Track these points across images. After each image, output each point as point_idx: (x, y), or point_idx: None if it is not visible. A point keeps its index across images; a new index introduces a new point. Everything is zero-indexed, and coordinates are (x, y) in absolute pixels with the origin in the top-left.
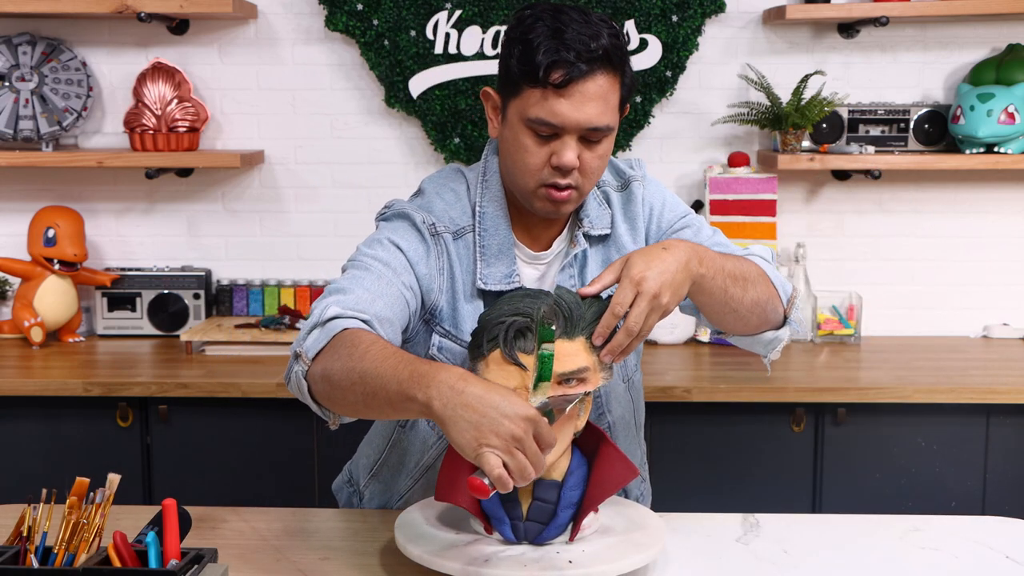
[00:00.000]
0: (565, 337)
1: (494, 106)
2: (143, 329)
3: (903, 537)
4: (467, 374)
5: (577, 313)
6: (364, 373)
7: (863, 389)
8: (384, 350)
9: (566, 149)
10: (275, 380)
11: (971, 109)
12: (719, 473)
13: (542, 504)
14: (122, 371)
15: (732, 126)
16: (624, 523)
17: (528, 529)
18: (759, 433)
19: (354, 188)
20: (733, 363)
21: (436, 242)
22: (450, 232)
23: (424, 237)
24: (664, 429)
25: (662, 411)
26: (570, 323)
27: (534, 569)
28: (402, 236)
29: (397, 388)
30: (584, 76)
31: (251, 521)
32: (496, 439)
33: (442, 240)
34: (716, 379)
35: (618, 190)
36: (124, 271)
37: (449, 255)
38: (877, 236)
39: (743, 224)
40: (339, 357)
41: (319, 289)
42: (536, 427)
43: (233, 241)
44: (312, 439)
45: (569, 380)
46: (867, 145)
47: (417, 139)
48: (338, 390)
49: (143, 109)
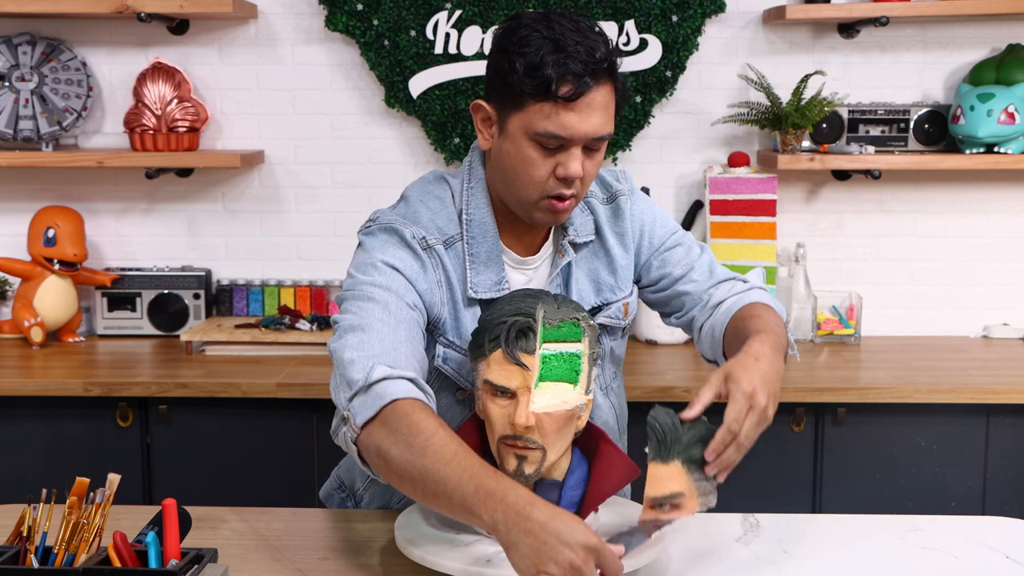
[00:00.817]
0: (659, 460)
1: (485, 118)
2: (143, 329)
3: (903, 537)
4: (534, 498)
5: (672, 436)
6: (425, 472)
7: (863, 389)
8: (445, 446)
9: (572, 160)
10: (275, 380)
11: (971, 109)
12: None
13: None
14: (122, 371)
15: (732, 126)
16: (624, 523)
17: None
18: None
19: (354, 188)
20: None
21: (429, 255)
22: (440, 243)
23: (416, 252)
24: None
25: None
26: (664, 446)
27: None
28: (394, 255)
29: (461, 502)
30: (590, 88)
31: (251, 521)
32: (555, 567)
33: (435, 252)
34: None
35: (604, 203)
36: (124, 271)
37: (444, 266)
38: (877, 236)
39: (743, 224)
40: (396, 442)
41: (319, 289)
42: (599, 556)
43: (233, 241)
44: (312, 439)
45: (663, 505)
46: (867, 145)
47: (417, 139)
48: (396, 477)
49: (143, 109)
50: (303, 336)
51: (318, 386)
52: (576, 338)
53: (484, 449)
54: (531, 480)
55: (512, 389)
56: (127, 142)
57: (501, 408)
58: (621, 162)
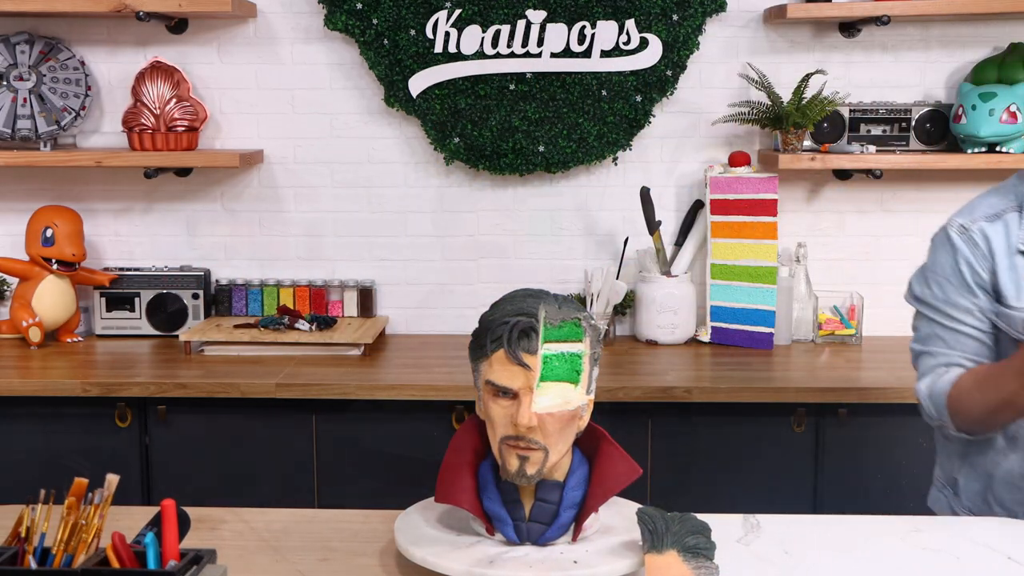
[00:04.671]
0: (654, 552)
1: None
2: (141, 329)
3: (904, 538)
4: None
5: (663, 526)
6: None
7: (864, 389)
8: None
9: None
10: (274, 380)
11: (973, 108)
12: (719, 473)
13: (544, 504)
14: (120, 371)
15: (733, 125)
16: (625, 523)
17: (531, 530)
18: (760, 434)
19: (354, 188)
20: (733, 363)
21: (966, 240)
22: (983, 220)
23: (955, 246)
24: (664, 430)
25: (662, 411)
26: (656, 536)
27: (540, 570)
28: (943, 261)
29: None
30: None
31: (250, 522)
32: None
33: (971, 233)
34: (717, 379)
35: None
36: (123, 271)
37: (988, 240)
38: (878, 235)
39: (743, 224)
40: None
41: (319, 289)
42: None
43: (232, 241)
44: (311, 440)
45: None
46: (868, 144)
47: (417, 139)
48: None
49: (142, 108)
50: (302, 336)
51: (317, 386)
52: (577, 338)
53: (484, 450)
54: (533, 480)
55: (515, 389)
56: (126, 142)
57: (503, 408)
58: (622, 162)
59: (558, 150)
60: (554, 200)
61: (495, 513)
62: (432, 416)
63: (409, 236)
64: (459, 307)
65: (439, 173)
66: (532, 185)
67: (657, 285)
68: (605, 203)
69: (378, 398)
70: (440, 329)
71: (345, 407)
